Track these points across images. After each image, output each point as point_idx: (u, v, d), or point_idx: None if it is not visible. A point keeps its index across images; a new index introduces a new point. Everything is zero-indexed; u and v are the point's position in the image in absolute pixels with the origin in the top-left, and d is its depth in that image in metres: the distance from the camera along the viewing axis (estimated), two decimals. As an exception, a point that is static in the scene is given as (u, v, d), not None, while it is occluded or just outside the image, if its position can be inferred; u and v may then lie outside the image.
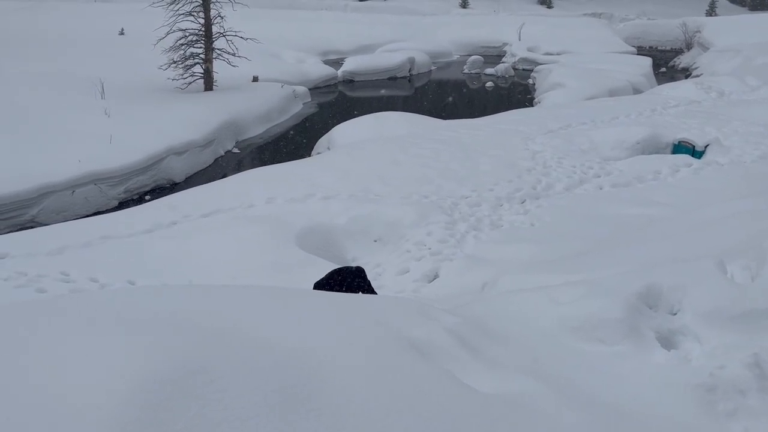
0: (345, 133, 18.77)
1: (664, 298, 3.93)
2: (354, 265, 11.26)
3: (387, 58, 34.94)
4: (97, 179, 15.80)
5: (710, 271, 3.97)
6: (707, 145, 15.41)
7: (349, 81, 32.53)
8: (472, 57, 36.98)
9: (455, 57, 40.25)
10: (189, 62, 24.24)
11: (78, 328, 2.81)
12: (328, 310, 3.27)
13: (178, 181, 17.94)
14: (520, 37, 40.97)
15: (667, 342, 3.74)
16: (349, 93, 31.19)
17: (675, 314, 3.93)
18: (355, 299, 3.78)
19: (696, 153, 15.34)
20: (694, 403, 3.15)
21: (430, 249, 10.64)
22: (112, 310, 3.00)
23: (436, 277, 9.98)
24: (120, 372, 2.39)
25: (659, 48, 46.62)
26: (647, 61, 33.77)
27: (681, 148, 15.64)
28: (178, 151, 18.37)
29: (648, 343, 3.60)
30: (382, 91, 31.07)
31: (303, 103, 27.08)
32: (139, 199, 16.29)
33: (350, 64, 33.22)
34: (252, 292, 3.60)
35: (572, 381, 3.20)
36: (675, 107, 20.05)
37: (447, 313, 3.62)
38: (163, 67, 23.68)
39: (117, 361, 2.46)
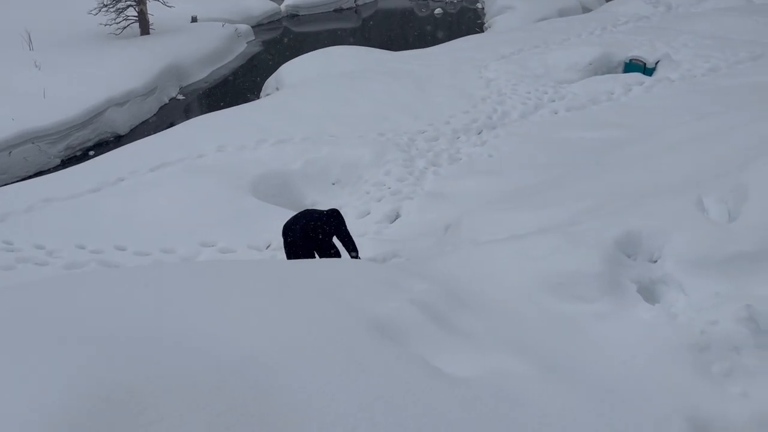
0: (293, 71, 18.10)
1: (644, 245, 3.68)
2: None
3: (331, -12, 33.54)
4: (34, 137, 14.99)
5: (690, 211, 3.75)
6: (658, 62, 15.36)
7: (294, 15, 31.28)
8: (419, -17, 35.82)
9: (401, -17, 38.93)
10: (121, 5, 22.84)
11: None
12: (278, 295, 2.94)
13: (122, 133, 17.19)
14: (465, -42, 39.76)
15: (649, 294, 3.51)
16: (294, 28, 30.06)
17: (655, 262, 3.67)
18: (310, 273, 3.45)
19: (647, 70, 15.28)
20: (688, 365, 2.92)
21: (389, 188, 10.46)
22: (7, 317, 2.52)
23: (397, 217, 9.84)
24: (20, 408, 1.87)
25: (606, -38, 46.00)
26: (595, -22, 33.23)
27: (632, 66, 15.55)
28: (119, 102, 17.53)
29: (630, 298, 3.37)
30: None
31: (247, 42, 26.02)
32: (82, 156, 15.54)
33: (293, -2, 31.82)
34: (186, 281, 3.14)
35: (555, 351, 2.98)
36: (625, 24, 19.86)
37: (416, 277, 3.32)
38: (93, 12, 22.28)
39: (15, 394, 1.94)
